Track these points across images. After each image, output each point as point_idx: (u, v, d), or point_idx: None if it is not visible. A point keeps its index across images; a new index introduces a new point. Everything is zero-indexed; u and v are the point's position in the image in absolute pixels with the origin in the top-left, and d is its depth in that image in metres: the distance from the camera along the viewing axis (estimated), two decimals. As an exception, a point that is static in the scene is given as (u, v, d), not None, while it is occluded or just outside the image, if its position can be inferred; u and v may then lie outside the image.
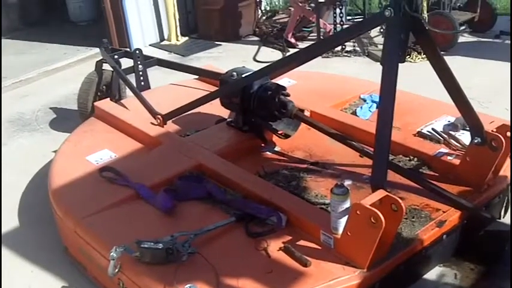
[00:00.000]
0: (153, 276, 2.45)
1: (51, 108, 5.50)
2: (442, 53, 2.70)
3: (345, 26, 6.63)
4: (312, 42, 6.86)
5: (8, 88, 6.15)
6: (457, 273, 2.84)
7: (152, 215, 2.88)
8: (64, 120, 5.15)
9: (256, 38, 7.62)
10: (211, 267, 2.45)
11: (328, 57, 6.43)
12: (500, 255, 2.82)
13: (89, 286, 2.96)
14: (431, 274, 2.83)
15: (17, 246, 3.36)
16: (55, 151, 3.81)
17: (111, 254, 2.50)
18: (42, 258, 3.23)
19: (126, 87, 4.54)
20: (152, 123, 3.80)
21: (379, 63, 5.97)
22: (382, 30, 6.42)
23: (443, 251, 2.82)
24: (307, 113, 3.64)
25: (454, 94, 2.75)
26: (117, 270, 2.55)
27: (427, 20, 5.48)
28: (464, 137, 3.31)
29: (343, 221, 2.46)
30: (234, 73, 3.53)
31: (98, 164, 3.40)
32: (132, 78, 4.50)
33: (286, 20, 7.72)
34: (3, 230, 3.52)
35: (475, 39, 6.80)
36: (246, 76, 3.45)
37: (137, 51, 4.63)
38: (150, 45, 7.53)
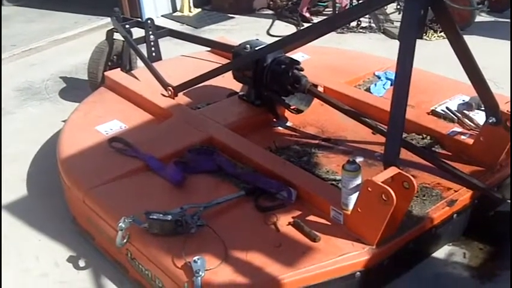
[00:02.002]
0: (161, 248, 2.45)
1: (61, 77, 5.48)
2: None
3: (360, 1, 6.54)
4: (327, 17, 6.77)
5: (17, 56, 6.13)
6: (466, 252, 2.82)
7: (161, 187, 2.87)
8: (74, 89, 5.13)
9: (270, 12, 7.52)
10: (220, 240, 2.45)
11: (343, 33, 6.35)
12: (510, 236, 2.80)
13: (96, 256, 2.96)
14: (440, 253, 2.82)
15: (25, 215, 3.36)
16: (64, 121, 3.79)
17: (120, 224, 2.50)
18: (50, 227, 3.23)
19: (137, 57, 4.51)
20: (163, 95, 3.78)
21: (394, 40, 5.88)
22: (399, 7, 6.35)
23: (453, 230, 2.80)
24: (320, 89, 3.59)
25: (471, 72, 2.71)
26: (125, 240, 2.55)
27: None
28: (479, 116, 3.27)
29: (353, 198, 2.44)
30: (248, 46, 3.49)
31: (108, 135, 3.38)
32: (143, 48, 4.47)
33: (301, -7, 7.63)
34: (11, 199, 3.52)
35: (492, 19, 6.70)
36: (259, 49, 3.41)
37: (149, 21, 4.60)
38: (162, 16, 7.47)
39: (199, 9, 7.66)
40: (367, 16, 6.37)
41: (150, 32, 4.58)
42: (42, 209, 3.41)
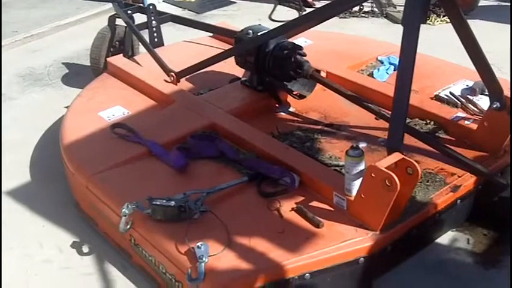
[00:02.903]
0: (165, 234, 2.45)
1: (63, 63, 5.46)
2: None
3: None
4: (329, 1, 6.72)
5: (19, 42, 6.09)
6: (469, 238, 2.83)
7: (164, 173, 2.87)
8: (76, 75, 5.11)
9: (272, -4, 7.48)
10: (223, 226, 2.45)
11: (345, 17, 6.31)
12: (509, 226, 2.80)
13: (100, 241, 2.97)
14: (444, 238, 2.82)
15: (29, 201, 3.37)
16: (67, 107, 3.78)
17: (123, 210, 2.50)
18: (53, 213, 3.24)
19: (140, 43, 4.49)
20: (165, 81, 3.76)
21: (397, 24, 5.86)
22: (401, -9, 6.31)
23: (456, 216, 2.80)
24: (323, 74, 3.58)
25: (475, 57, 2.69)
26: (128, 226, 2.56)
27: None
28: (482, 101, 3.26)
29: (357, 183, 2.44)
30: (250, 31, 3.47)
31: (110, 120, 3.38)
32: (145, 34, 4.45)
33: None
34: (15, 185, 3.53)
35: (495, 3, 6.65)
36: (261, 34, 3.39)
37: (151, 7, 4.57)
38: (163, 1, 7.40)
39: (201, -6, 7.61)
40: (369, 0, 6.33)
41: (152, 18, 4.55)
42: (46, 195, 3.41)
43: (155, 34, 4.59)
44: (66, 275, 2.83)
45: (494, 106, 2.83)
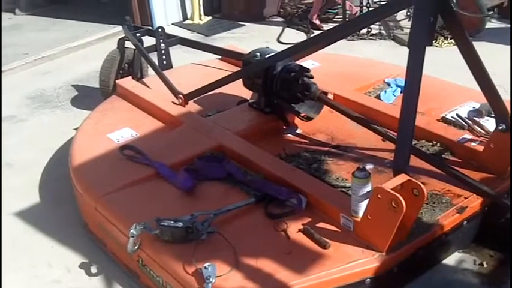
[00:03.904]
0: (172, 254, 2.47)
1: (72, 85, 5.51)
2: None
3: (371, 8, 6.55)
4: (337, 24, 6.77)
5: (29, 65, 6.17)
6: (476, 259, 2.81)
7: (172, 194, 2.89)
8: (85, 97, 5.16)
9: (280, 19, 7.52)
10: (230, 247, 2.46)
11: (353, 40, 6.34)
12: (509, 244, 2.79)
13: (108, 262, 2.98)
14: (450, 259, 2.81)
15: (37, 221, 3.39)
16: (76, 128, 3.82)
17: (131, 231, 2.52)
18: (62, 234, 3.25)
19: (148, 65, 4.54)
20: (174, 103, 3.80)
21: (405, 47, 5.88)
22: (409, 13, 6.33)
23: (463, 237, 2.79)
24: (330, 96, 3.60)
25: (481, 79, 2.70)
26: (136, 247, 2.57)
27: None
28: (489, 123, 3.27)
29: (363, 205, 2.45)
30: (258, 53, 3.50)
31: (119, 142, 3.41)
32: (154, 56, 4.50)
33: (311, 1, 7.62)
34: (24, 206, 3.55)
35: (502, 25, 6.67)
36: (269, 57, 3.42)
37: (160, 30, 4.61)
38: (172, 24, 7.49)
39: (210, 17, 7.68)
40: (377, 23, 6.37)
41: (161, 40, 4.59)
42: (55, 216, 3.43)
43: (164, 57, 4.63)
44: (74, 295, 2.85)
45: (500, 128, 2.84)
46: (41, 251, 3.16)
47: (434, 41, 5.64)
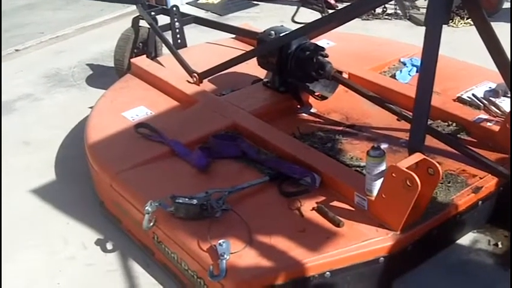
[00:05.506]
0: (187, 231, 2.49)
1: (87, 64, 5.53)
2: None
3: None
4: (352, 3, 6.70)
5: (44, 44, 6.18)
6: (490, 239, 2.81)
7: (187, 172, 2.91)
8: (100, 76, 5.18)
9: (295, -2, 7.49)
10: (245, 224, 2.48)
11: (368, 19, 6.29)
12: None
13: (123, 239, 3.01)
14: (465, 239, 2.80)
15: (54, 199, 3.43)
16: (91, 107, 3.84)
17: (146, 208, 2.54)
18: (78, 211, 3.29)
19: (163, 44, 4.54)
20: (188, 81, 3.80)
21: (420, 27, 5.82)
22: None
23: (477, 217, 2.79)
24: (345, 75, 3.59)
25: (498, 59, 2.67)
26: (151, 224, 2.59)
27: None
28: (505, 103, 3.25)
29: (378, 184, 2.45)
30: (272, 32, 3.49)
31: (134, 120, 3.42)
32: (168, 35, 4.50)
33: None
34: (40, 184, 3.59)
35: (520, 5, 6.60)
36: (284, 35, 3.41)
37: (174, 9, 4.61)
38: (187, 3, 7.45)
39: (224, -4, 7.65)
40: (392, 2, 6.31)
41: (176, 19, 4.60)
42: (71, 193, 3.47)
43: (178, 36, 4.63)
44: (90, 271, 2.88)
45: (516, 108, 2.83)
46: (57, 227, 3.20)
47: (450, 21, 5.59)
